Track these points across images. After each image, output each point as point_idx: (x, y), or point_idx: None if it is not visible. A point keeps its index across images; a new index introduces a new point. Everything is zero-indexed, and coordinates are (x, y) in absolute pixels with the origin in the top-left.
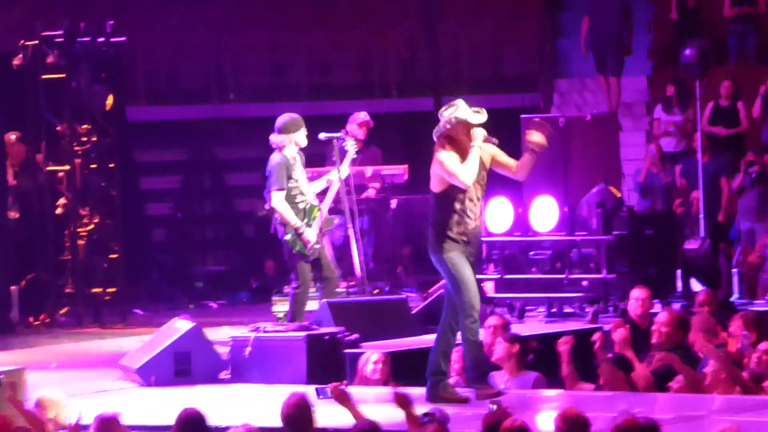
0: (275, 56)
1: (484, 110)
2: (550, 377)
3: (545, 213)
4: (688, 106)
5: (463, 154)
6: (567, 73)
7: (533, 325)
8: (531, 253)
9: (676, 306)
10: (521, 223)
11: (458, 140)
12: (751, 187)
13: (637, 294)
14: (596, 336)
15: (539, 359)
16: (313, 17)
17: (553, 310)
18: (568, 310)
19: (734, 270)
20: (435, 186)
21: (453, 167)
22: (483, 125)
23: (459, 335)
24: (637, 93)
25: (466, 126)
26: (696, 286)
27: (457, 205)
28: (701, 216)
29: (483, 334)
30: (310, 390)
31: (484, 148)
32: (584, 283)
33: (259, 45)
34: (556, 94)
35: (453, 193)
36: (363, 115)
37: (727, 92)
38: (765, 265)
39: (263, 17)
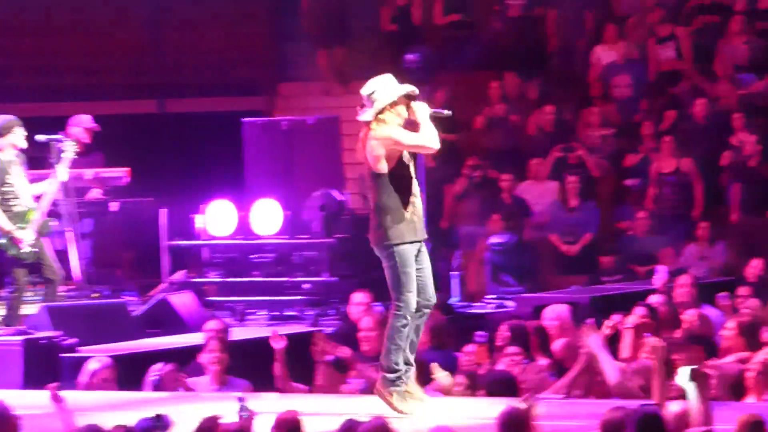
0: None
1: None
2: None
3: (268, 216)
4: None
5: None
6: (290, 77)
7: (255, 329)
8: (253, 256)
9: None
10: (244, 227)
11: (399, 111)
12: (472, 192)
13: (358, 298)
14: (316, 337)
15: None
16: (38, 20)
17: (275, 313)
18: (290, 313)
19: (454, 273)
20: (381, 166)
21: (413, 136)
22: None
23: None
24: (359, 97)
25: (408, 98)
26: None
27: (404, 184)
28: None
29: (203, 337)
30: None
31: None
32: (306, 286)
33: None
34: (280, 97)
35: (401, 171)
36: (87, 119)
37: (445, 99)
38: (484, 270)
39: None
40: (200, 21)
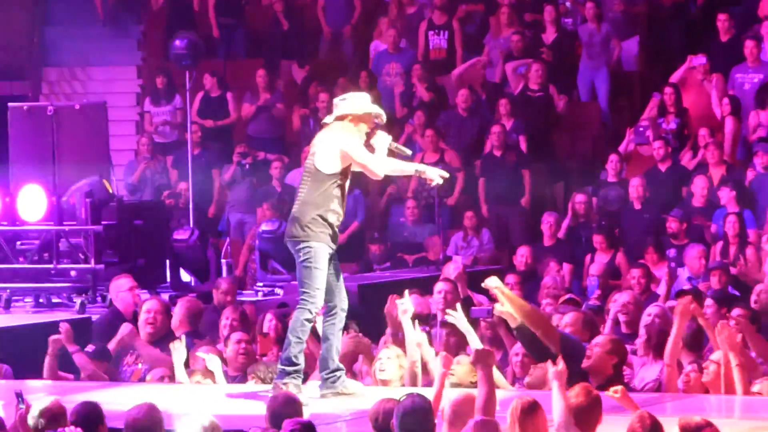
0: None
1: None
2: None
3: (33, 202)
4: (176, 98)
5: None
6: (56, 62)
7: (21, 316)
8: (19, 242)
9: (165, 296)
10: (9, 213)
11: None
12: (242, 178)
13: (121, 283)
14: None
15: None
16: None
17: (41, 300)
18: (56, 300)
19: (224, 261)
20: (327, 166)
21: (366, 155)
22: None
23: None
24: (127, 83)
25: (374, 118)
26: (185, 276)
27: (338, 192)
28: (191, 207)
29: None
30: None
31: None
32: (73, 273)
33: None
34: (45, 82)
35: (342, 179)
36: None
37: (215, 84)
38: (253, 256)
39: None
40: None
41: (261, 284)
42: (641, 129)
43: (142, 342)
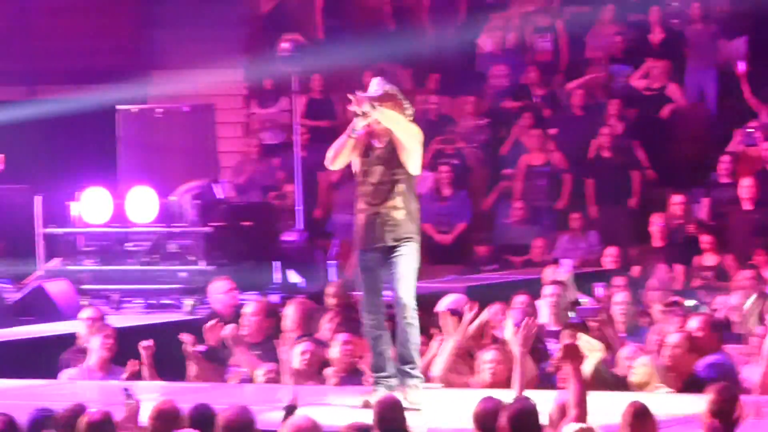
0: None
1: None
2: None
3: (142, 204)
4: (282, 100)
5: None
6: (164, 64)
7: (131, 317)
8: (128, 244)
9: (274, 297)
10: (119, 214)
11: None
12: (348, 180)
13: (219, 286)
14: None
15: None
16: None
17: (152, 301)
18: (165, 301)
19: (331, 262)
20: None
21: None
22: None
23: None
24: (234, 85)
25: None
26: (294, 277)
27: (357, 190)
28: (298, 208)
29: (81, 327)
30: None
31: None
32: (182, 274)
33: None
34: (152, 85)
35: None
36: None
37: (320, 86)
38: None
39: None
40: (70, 7)
41: None
42: (749, 130)
43: (243, 344)
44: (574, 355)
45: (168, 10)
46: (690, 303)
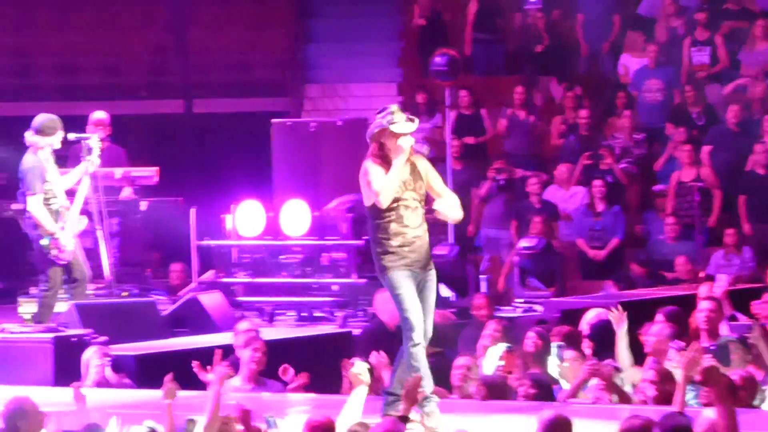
0: (19, 58)
1: (416, 120)
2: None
3: (296, 217)
4: (436, 115)
5: (390, 165)
6: (318, 78)
7: (284, 330)
8: (282, 257)
9: None
10: (272, 227)
11: (387, 147)
12: (497, 195)
13: (388, 296)
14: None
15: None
16: (59, 19)
17: (304, 314)
18: (318, 314)
19: (482, 277)
20: (366, 199)
21: (375, 184)
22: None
23: None
24: (387, 99)
25: (393, 135)
26: (445, 291)
27: (393, 215)
28: (450, 223)
29: (236, 340)
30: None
31: (415, 160)
32: (334, 287)
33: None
34: (307, 99)
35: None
36: (98, 115)
37: (468, 101)
38: (511, 273)
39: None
40: (225, 21)
41: (520, 300)
42: None
43: None
44: (714, 378)
45: (323, 24)
46: None
